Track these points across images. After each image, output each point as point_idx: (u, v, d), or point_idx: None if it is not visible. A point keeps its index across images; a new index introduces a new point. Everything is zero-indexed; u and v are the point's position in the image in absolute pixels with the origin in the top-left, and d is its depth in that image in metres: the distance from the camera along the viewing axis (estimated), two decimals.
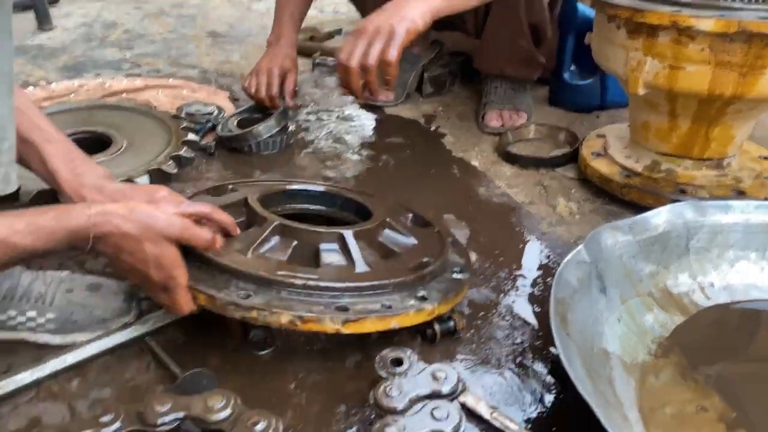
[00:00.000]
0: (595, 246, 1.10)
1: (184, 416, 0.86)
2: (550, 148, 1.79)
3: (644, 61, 1.36)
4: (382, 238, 1.17)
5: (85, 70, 2.33)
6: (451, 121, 1.95)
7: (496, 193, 1.57)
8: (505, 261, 1.32)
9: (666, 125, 1.47)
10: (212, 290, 0.97)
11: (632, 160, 1.55)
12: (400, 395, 0.88)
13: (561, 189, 1.58)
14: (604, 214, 1.48)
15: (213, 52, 2.55)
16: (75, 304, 1.09)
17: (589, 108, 2.00)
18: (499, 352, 1.09)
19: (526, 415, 0.97)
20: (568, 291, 0.99)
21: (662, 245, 1.17)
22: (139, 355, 1.07)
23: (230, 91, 2.13)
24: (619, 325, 1.07)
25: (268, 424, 0.83)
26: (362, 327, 0.96)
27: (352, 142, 1.83)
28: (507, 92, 1.93)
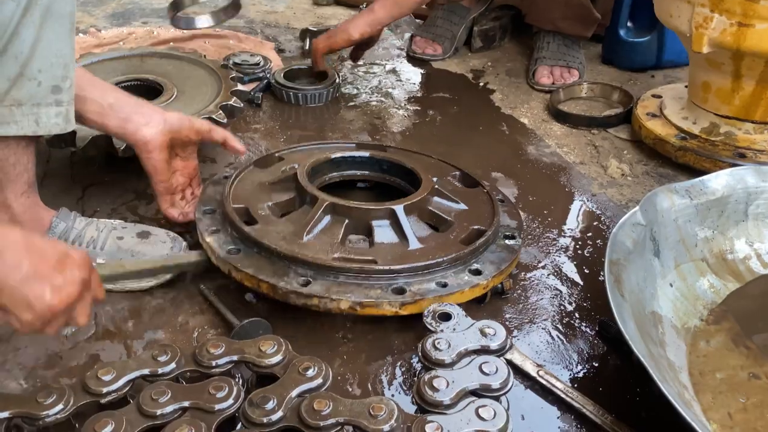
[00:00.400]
0: (651, 208, 1.07)
1: (238, 359, 0.88)
2: (602, 108, 1.74)
3: (711, 17, 1.30)
4: (432, 206, 1.16)
5: (133, 18, 2.33)
6: (500, 77, 1.91)
7: (546, 152, 1.54)
8: (553, 221, 1.30)
9: (728, 86, 1.41)
10: (273, 279, 0.99)
11: (689, 121, 1.50)
12: (449, 349, 0.88)
13: (613, 150, 1.55)
14: (657, 177, 1.45)
15: (258, 2, 2.53)
16: (124, 250, 1.11)
17: (644, 67, 1.93)
18: (546, 312, 1.08)
19: (572, 375, 0.97)
20: (623, 252, 0.97)
21: (719, 210, 1.14)
22: (191, 299, 1.10)
23: (276, 42, 2.12)
24: (671, 289, 1.05)
25: (318, 371, 0.85)
26: (419, 307, 0.98)
27: (399, 97, 1.81)
28: (560, 48, 1.87)
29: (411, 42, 2.07)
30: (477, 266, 1.06)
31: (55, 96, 0.98)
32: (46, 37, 0.94)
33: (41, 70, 0.96)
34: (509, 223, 1.19)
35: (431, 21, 2.09)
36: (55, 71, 0.97)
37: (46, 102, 0.98)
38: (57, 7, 0.94)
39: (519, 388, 0.93)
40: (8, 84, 0.94)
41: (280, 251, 1.02)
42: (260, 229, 1.08)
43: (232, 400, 0.82)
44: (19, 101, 0.96)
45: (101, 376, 0.84)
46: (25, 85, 0.95)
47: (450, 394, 0.82)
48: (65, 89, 0.99)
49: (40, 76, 0.96)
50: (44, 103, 0.98)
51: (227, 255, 1.05)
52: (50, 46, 0.95)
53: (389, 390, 0.95)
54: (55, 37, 0.96)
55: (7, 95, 0.95)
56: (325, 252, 1.04)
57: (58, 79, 0.98)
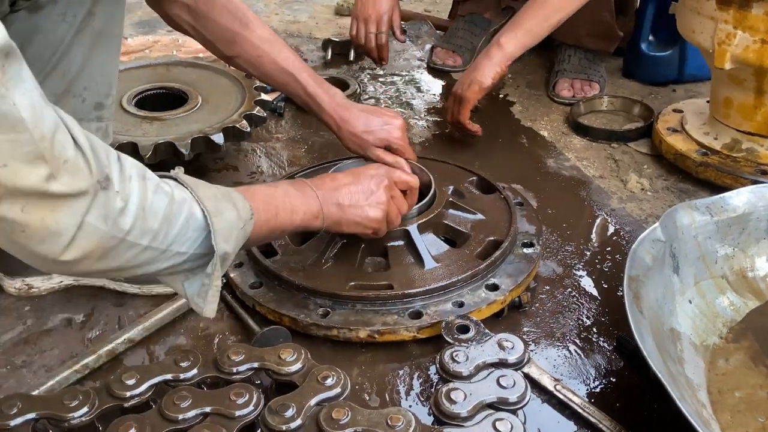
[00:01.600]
0: (671, 224, 1.07)
1: (258, 366, 0.89)
2: (623, 122, 1.74)
3: (734, 33, 1.30)
4: (448, 220, 1.17)
5: (159, 26, 2.37)
6: (521, 89, 1.91)
7: (566, 166, 1.54)
8: (572, 235, 1.30)
9: (751, 102, 1.40)
10: (294, 312, 1.02)
11: (710, 137, 1.49)
12: (467, 361, 0.89)
13: (633, 164, 1.54)
14: (677, 193, 1.44)
15: (281, 11, 2.56)
16: None
17: (665, 81, 1.92)
18: (564, 326, 1.08)
19: (589, 389, 0.97)
20: (642, 269, 0.98)
21: (740, 227, 1.14)
22: None
23: (299, 51, 2.14)
24: (690, 306, 1.05)
25: (336, 380, 0.86)
26: (436, 330, 0.99)
27: (418, 107, 1.82)
28: (581, 62, 1.87)
29: (431, 53, 2.08)
30: (494, 281, 1.07)
31: (97, 112, 1.01)
32: (94, 57, 0.97)
33: (87, 87, 0.99)
34: (528, 229, 1.20)
35: (452, 32, 2.10)
36: (99, 89, 1.00)
37: (87, 118, 1.01)
38: (108, 29, 0.97)
39: (536, 402, 0.94)
40: (53, 100, 0.96)
41: (299, 284, 1.04)
42: (280, 260, 1.11)
43: (252, 407, 0.83)
44: None
45: (125, 380, 0.86)
46: (69, 101, 0.98)
47: (467, 406, 0.83)
48: (107, 106, 1.02)
49: (84, 93, 0.99)
50: (86, 119, 1.01)
51: (250, 290, 1.08)
52: (98, 66, 0.98)
53: (407, 401, 0.96)
54: (104, 58, 0.99)
55: None
56: (342, 280, 1.06)
57: (102, 97, 1.01)
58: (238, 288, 1.09)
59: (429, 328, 1.01)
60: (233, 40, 1.13)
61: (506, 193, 1.26)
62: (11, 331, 1.06)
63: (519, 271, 1.10)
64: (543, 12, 1.45)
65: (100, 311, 1.10)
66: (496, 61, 1.46)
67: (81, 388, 0.86)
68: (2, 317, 1.09)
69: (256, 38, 1.15)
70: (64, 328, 1.07)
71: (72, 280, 1.14)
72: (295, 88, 1.17)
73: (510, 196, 1.25)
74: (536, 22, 1.45)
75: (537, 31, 1.46)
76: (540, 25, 1.46)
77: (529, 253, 1.14)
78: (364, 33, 1.79)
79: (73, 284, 1.14)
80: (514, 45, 1.46)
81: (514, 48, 1.46)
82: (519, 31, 1.46)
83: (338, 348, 1.02)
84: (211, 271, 0.76)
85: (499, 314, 1.07)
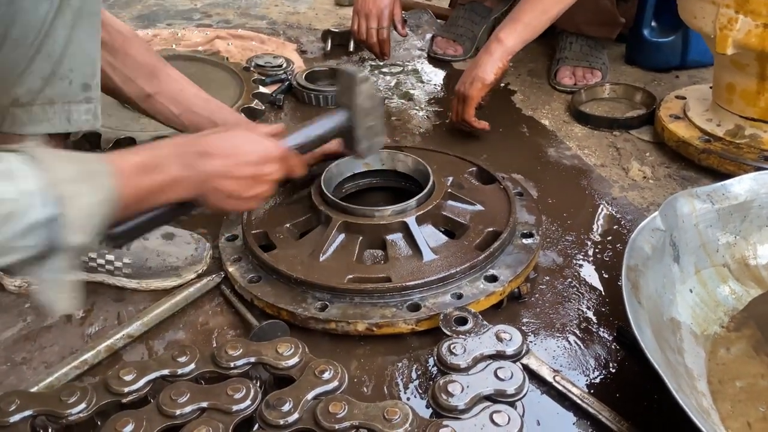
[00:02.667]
0: (671, 213, 1.06)
1: (255, 361, 0.89)
2: (625, 109, 1.72)
3: (736, 18, 1.28)
4: (447, 211, 1.17)
5: (158, 20, 2.37)
6: (522, 77, 1.90)
7: (567, 155, 1.53)
8: (573, 224, 1.29)
9: (753, 88, 1.39)
10: (292, 306, 1.02)
11: (713, 123, 1.48)
12: (464, 353, 0.89)
13: (635, 152, 1.53)
14: (680, 180, 1.43)
15: (281, 3, 2.55)
16: (150, 251, 1.13)
17: (668, 67, 1.90)
18: (564, 317, 1.08)
19: (589, 380, 0.97)
20: (641, 258, 0.97)
21: (742, 215, 1.12)
22: (211, 299, 1.12)
23: (298, 43, 2.13)
24: (691, 295, 1.04)
25: (334, 374, 0.86)
26: (435, 322, 0.99)
27: (419, 98, 1.81)
28: (582, 49, 1.86)
29: (432, 42, 2.07)
30: (493, 272, 1.06)
31: (85, 94, 1.01)
32: (77, 37, 0.96)
33: (72, 69, 0.98)
34: (527, 219, 1.19)
35: (452, 21, 2.09)
36: (85, 69, 0.99)
37: (76, 100, 1.00)
38: (87, 7, 0.96)
39: (535, 393, 0.93)
40: (41, 83, 0.96)
41: (297, 277, 1.04)
42: (278, 254, 1.11)
43: (249, 401, 0.83)
44: (51, 99, 0.98)
45: (123, 376, 0.86)
46: (57, 84, 0.97)
47: (465, 399, 0.82)
48: (93, 87, 1.01)
49: (71, 75, 0.98)
50: (75, 100, 1.00)
51: (248, 284, 1.08)
52: (81, 46, 0.97)
53: (405, 393, 0.95)
54: (86, 37, 0.98)
55: (40, 94, 0.97)
56: (340, 273, 1.06)
57: (88, 77, 1.00)
58: (236, 282, 1.09)
59: (427, 321, 1.00)
60: (154, 74, 1.12)
61: (506, 184, 1.25)
62: (11, 328, 1.06)
63: (518, 261, 1.09)
64: (541, 5, 1.44)
65: (99, 307, 1.11)
66: (496, 56, 1.45)
67: (79, 385, 0.86)
68: (3, 314, 1.09)
69: (175, 73, 1.15)
70: (63, 325, 1.07)
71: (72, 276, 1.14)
72: (224, 118, 1.16)
73: (510, 187, 1.25)
74: (535, 15, 1.45)
75: (536, 24, 1.46)
76: (539, 18, 1.45)
77: (528, 244, 1.13)
78: (365, 28, 1.78)
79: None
80: (514, 39, 1.45)
81: (514, 42, 1.46)
82: (518, 25, 1.45)
83: (337, 341, 1.02)
84: (59, 265, 0.71)
85: (499, 305, 1.07)
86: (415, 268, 1.06)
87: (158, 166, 0.84)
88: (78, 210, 0.70)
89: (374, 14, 1.76)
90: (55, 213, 0.68)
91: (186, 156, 0.87)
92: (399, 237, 1.11)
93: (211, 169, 0.89)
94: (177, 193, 0.87)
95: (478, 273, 1.06)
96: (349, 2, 2.46)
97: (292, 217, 1.19)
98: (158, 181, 0.84)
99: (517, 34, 1.45)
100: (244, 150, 0.93)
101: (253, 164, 0.93)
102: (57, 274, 0.72)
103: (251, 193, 0.94)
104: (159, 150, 0.86)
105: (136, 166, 0.81)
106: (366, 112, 1.09)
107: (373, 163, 1.28)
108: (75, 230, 0.70)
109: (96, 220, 0.73)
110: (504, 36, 1.46)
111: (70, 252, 0.71)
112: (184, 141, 0.90)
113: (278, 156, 0.97)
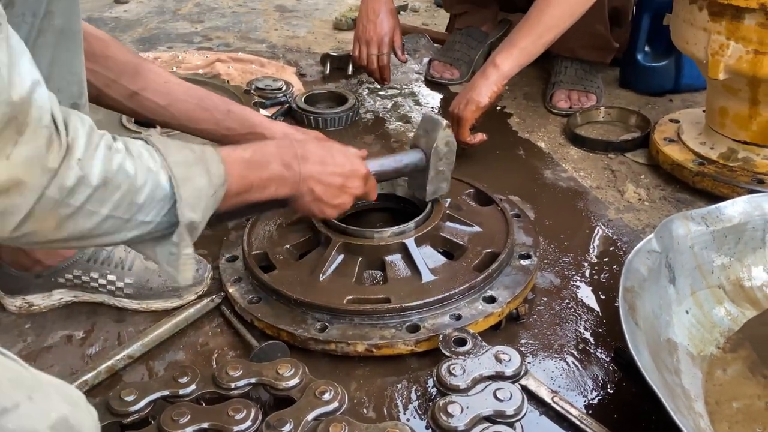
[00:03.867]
0: (666, 235, 1.07)
1: (256, 382, 0.90)
2: (619, 132, 1.75)
3: (727, 44, 1.31)
4: (445, 232, 1.18)
5: (159, 43, 2.40)
6: (518, 101, 1.93)
7: (563, 177, 1.55)
8: (570, 246, 1.30)
9: (746, 112, 1.41)
10: (291, 327, 1.03)
11: (707, 147, 1.50)
12: (464, 374, 0.89)
13: (630, 174, 1.55)
14: (675, 203, 1.45)
15: (281, 26, 2.59)
16: (151, 271, 1.14)
17: (662, 91, 1.93)
18: (562, 338, 1.09)
19: (587, 401, 0.98)
20: (637, 280, 0.98)
21: (736, 237, 1.14)
22: (211, 320, 1.13)
23: (297, 66, 2.16)
24: (687, 316, 1.05)
25: (334, 394, 0.87)
26: (434, 343, 1.00)
27: (417, 120, 1.83)
28: (577, 73, 1.89)
29: (429, 66, 2.10)
30: (491, 293, 1.07)
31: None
32: (61, 57, 0.97)
33: (59, 89, 0.98)
34: (525, 241, 1.20)
35: (449, 45, 2.12)
36: (71, 89, 1.00)
37: None
38: (68, 26, 0.97)
39: (534, 414, 0.94)
40: None
41: (297, 298, 1.05)
42: (278, 275, 1.12)
43: (250, 422, 0.83)
44: None
45: (124, 397, 0.87)
46: None
47: (464, 419, 0.83)
48: (81, 105, 1.02)
49: (58, 95, 0.98)
50: None
51: (248, 305, 1.09)
52: (65, 65, 0.98)
53: (404, 414, 0.96)
54: (69, 56, 0.98)
55: None
56: (340, 294, 1.07)
57: (75, 97, 1.01)
58: (236, 303, 1.10)
59: (426, 342, 1.01)
60: (138, 71, 1.13)
61: (503, 205, 1.27)
62: (12, 349, 1.06)
63: (516, 283, 1.10)
64: (537, 30, 1.47)
65: (99, 327, 1.11)
66: (492, 80, 1.48)
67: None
68: (3, 335, 1.09)
69: (156, 68, 1.16)
70: (64, 345, 1.08)
71: (72, 296, 1.15)
72: (214, 103, 1.16)
73: (507, 208, 1.26)
74: (531, 40, 1.47)
75: (532, 49, 1.48)
76: (534, 44, 1.48)
77: (526, 265, 1.14)
78: (366, 54, 1.81)
79: (74, 301, 1.15)
80: (510, 64, 1.48)
81: (510, 67, 1.48)
82: (514, 50, 1.48)
83: (336, 362, 1.03)
84: (178, 240, 0.76)
85: (497, 326, 1.08)
86: (414, 289, 1.07)
87: (263, 163, 0.89)
88: (192, 190, 0.75)
89: (375, 41, 1.79)
90: (171, 191, 0.74)
91: (288, 156, 0.92)
92: (398, 258, 1.12)
93: (306, 171, 0.94)
94: (277, 190, 0.91)
95: (477, 294, 1.07)
96: (347, 27, 2.51)
97: (291, 238, 1.20)
98: (262, 177, 0.88)
99: (513, 58, 1.48)
100: (337, 161, 0.99)
101: (343, 175, 0.99)
102: (173, 249, 0.77)
103: (336, 201, 0.99)
104: (265, 148, 0.92)
105: (244, 160, 0.87)
106: (441, 156, 1.16)
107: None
108: (188, 208, 0.75)
109: (207, 201, 0.78)
110: (500, 61, 1.48)
111: (185, 226, 0.75)
112: (286, 143, 0.95)
113: (364, 174, 1.02)
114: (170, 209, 0.75)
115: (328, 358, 1.03)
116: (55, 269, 1.11)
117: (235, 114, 1.16)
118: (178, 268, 0.78)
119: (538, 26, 1.47)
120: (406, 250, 1.12)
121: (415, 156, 1.16)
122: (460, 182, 1.35)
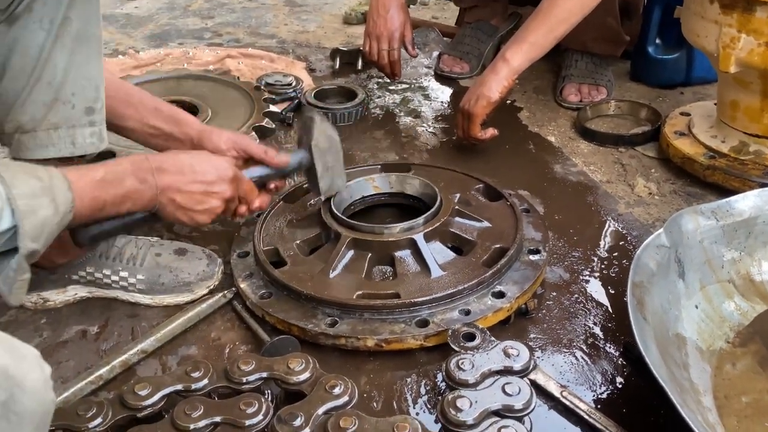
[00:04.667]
0: (676, 230, 1.07)
1: (267, 376, 0.91)
2: (630, 126, 1.74)
3: (738, 37, 1.30)
4: (454, 228, 1.19)
5: (170, 39, 2.41)
6: (528, 94, 1.92)
7: (573, 171, 1.55)
8: (579, 241, 1.31)
9: (757, 105, 1.40)
10: (302, 322, 1.04)
11: (718, 140, 1.49)
12: (473, 369, 0.90)
13: (640, 168, 1.55)
14: (685, 196, 1.44)
15: (290, 21, 2.59)
16: (163, 267, 1.16)
17: (672, 84, 1.92)
18: (571, 333, 1.09)
19: (596, 396, 0.98)
20: (646, 275, 0.98)
21: (747, 231, 1.14)
22: (223, 315, 1.14)
23: (307, 61, 2.17)
24: (696, 311, 1.05)
25: (344, 389, 0.88)
26: (443, 338, 1.00)
27: (426, 115, 1.84)
28: (588, 66, 1.88)
29: (439, 60, 2.10)
30: (500, 288, 1.08)
31: (88, 117, 1.03)
32: (77, 61, 0.99)
33: (74, 93, 1.00)
34: (534, 236, 1.20)
35: (459, 39, 2.12)
36: (87, 93, 1.02)
37: (80, 123, 1.03)
38: (85, 31, 0.99)
39: (542, 409, 0.95)
40: (45, 110, 0.99)
41: (307, 293, 1.06)
42: (289, 270, 1.13)
43: (261, 416, 0.85)
44: (55, 125, 1.01)
45: (138, 391, 0.88)
46: (60, 109, 1.00)
47: (473, 414, 0.84)
48: (97, 110, 1.04)
49: (73, 99, 1.01)
50: (79, 124, 1.03)
51: (260, 300, 1.10)
52: (81, 70, 1.00)
53: (414, 408, 0.97)
54: (86, 61, 1.00)
55: (44, 120, 1.00)
56: (350, 289, 1.07)
57: (91, 101, 1.02)
58: (248, 298, 1.11)
59: (436, 336, 1.02)
60: (128, 101, 1.13)
61: (513, 200, 1.27)
62: (29, 344, 1.08)
63: (525, 278, 1.11)
64: (547, 24, 1.46)
65: (113, 322, 1.13)
66: (502, 75, 1.48)
67: (95, 399, 0.88)
68: (20, 330, 1.11)
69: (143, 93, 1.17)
70: (79, 340, 1.09)
71: (86, 292, 1.16)
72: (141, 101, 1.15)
73: (516, 203, 1.26)
74: (541, 34, 1.47)
75: (542, 43, 1.47)
76: (545, 38, 1.47)
77: (535, 260, 1.14)
78: (377, 50, 1.81)
79: (87, 296, 1.17)
80: (520, 59, 1.47)
81: (521, 62, 1.48)
82: (524, 45, 1.47)
83: (346, 357, 1.04)
84: (16, 266, 0.77)
85: (506, 321, 1.08)
86: (423, 285, 1.08)
87: (116, 180, 0.90)
88: (35, 222, 0.76)
89: (385, 36, 1.79)
90: (13, 224, 0.74)
91: (142, 171, 0.93)
92: (407, 254, 1.13)
93: (163, 183, 0.95)
94: (134, 204, 0.93)
95: (486, 289, 1.08)
96: (357, 21, 2.51)
97: (302, 233, 1.21)
98: (117, 194, 0.89)
99: (523, 53, 1.47)
100: (197, 168, 0.99)
101: (204, 182, 0.99)
102: (12, 273, 0.78)
103: (202, 207, 1.00)
104: (118, 166, 0.92)
105: (95, 181, 0.87)
106: (323, 150, 1.14)
107: (382, 187, 1.31)
108: (30, 239, 0.76)
109: (51, 229, 0.79)
110: (510, 55, 1.48)
111: (24, 256, 0.77)
112: (141, 158, 0.95)
113: (230, 177, 1.02)
114: (10, 238, 0.76)
115: (339, 353, 1.04)
116: (68, 266, 1.13)
117: (163, 113, 1.15)
118: (12, 289, 0.79)
119: (548, 20, 1.46)
120: (415, 246, 1.13)
121: (297, 156, 1.14)
122: (470, 177, 1.36)
